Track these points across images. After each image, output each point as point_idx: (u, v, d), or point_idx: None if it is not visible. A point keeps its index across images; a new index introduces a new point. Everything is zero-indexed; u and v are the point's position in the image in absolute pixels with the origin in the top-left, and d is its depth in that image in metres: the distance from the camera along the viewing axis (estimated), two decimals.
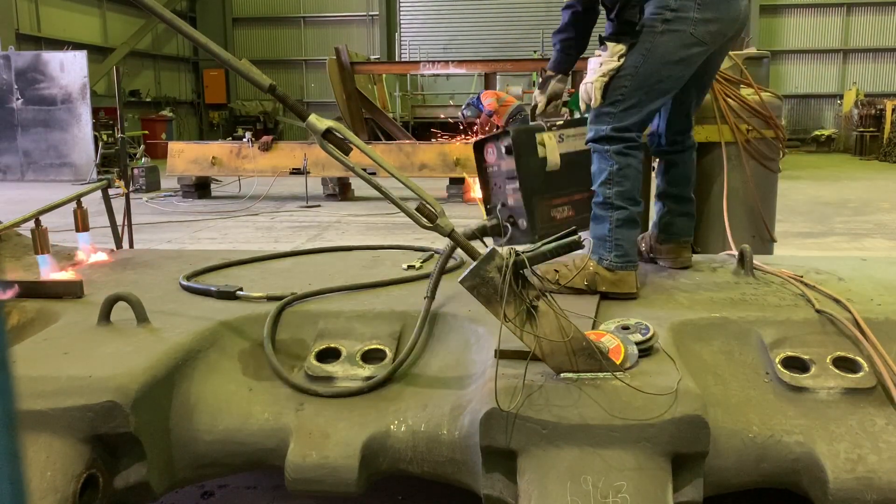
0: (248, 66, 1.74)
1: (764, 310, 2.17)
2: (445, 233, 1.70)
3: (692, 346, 2.00)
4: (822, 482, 1.68)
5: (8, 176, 13.95)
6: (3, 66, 13.83)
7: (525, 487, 1.62)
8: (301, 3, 24.27)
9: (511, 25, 20.64)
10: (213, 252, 3.23)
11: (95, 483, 1.68)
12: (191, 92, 24.96)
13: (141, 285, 2.54)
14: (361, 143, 1.72)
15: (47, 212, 2.70)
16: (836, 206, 9.38)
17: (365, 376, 1.95)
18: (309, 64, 24.10)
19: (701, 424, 1.62)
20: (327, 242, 7.09)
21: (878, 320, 2.04)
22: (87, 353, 1.88)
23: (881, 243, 6.96)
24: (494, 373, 1.66)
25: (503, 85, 14.56)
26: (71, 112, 13.84)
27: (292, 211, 9.60)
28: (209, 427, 1.86)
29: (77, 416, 1.66)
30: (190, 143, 12.51)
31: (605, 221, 2.38)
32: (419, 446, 1.80)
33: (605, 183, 2.37)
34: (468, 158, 10.19)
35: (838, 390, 1.84)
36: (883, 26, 21.65)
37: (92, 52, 15.27)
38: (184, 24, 1.71)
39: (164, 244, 7.01)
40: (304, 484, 1.79)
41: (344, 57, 12.06)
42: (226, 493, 2.45)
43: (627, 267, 2.35)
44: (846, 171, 14.95)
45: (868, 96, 20.08)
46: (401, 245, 3.21)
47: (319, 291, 2.34)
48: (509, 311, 1.65)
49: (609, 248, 2.35)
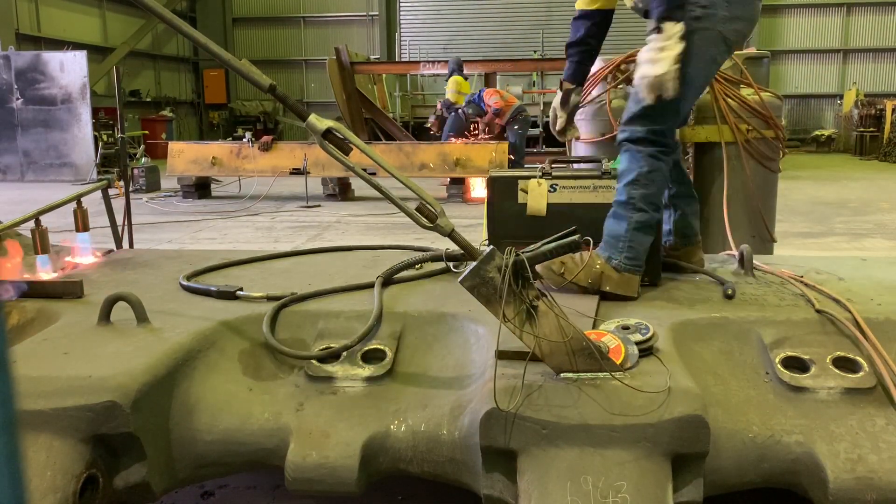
0: (248, 66, 1.74)
1: (764, 310, 2.17)
2: (445, 233, 1.70)
3: (692, 346, 2.00)
4: (822, 482, 1.68)
5: (8, 176, 13.95)
6: (3, 66, 13.83)
7: (525, 487, 1.62)
8: (301, 3, 24.27)
9: (511, 25, 20.63)
10: (213, 252, 3.23)
11: (95, 483, 1.68)
12: (191, 92, 24.96)
13: (141, 285, 2.54)
14: (361, 143, 1.72)
15: (47, 212, 2.70)
16: (836, 206, 9.38)
17: (365, 376, 1.96)
18: (309, 64, 24.11)
19: (701, 424, 1.62)
20: (327, 242, 7.09)
21: (878, 320, 2.04)
22: (87, 353, 1.88)
23: (881, 243, 6.96)
24: (494, 373, 1.66)
25: (503, 85, 14.56)
26: (71, 112, 13.84)
27: (292, 211, 9.60)
28: (209, 427, 1.86)
29: (77, 416, 1.66)
30: (190, 143, 12.50)
31: (624, 221, 2.34)
32: (419, 446, 1.80)
33: (632, 183, 2.32)
34: (468, 158, 10.20)
35: (838, 390, 1.84)
36: (883, 26, 21.65)
37: (92, 52, 15.26)
38: (184, 24, 1.72)
39: (164, 244, 7.01)
40: (304, 484, 1.79)
41: (344, 57, 12.08)
42: (226, 493, 2.45)
43: (635, 270, 2.33)
44: (846, 171, 14.94)
45: (868, 96, 20.08)
46: (401, 245, 3.21)
47: (319, 292, 2.35)
48: (509, 311, 1.65)
49: (621, 249, 2.32)
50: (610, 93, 3.79)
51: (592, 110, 3.88)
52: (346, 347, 2.00)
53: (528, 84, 18.12)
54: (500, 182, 2.58)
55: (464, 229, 1.79)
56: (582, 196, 2.51)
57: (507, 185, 2.56)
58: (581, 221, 2.07)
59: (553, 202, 2.55)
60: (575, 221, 1.97)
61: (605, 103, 3.82)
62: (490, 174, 2.62)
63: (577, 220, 2.19)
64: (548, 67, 17.05)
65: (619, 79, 3.80)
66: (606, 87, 3.85)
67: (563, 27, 19.91)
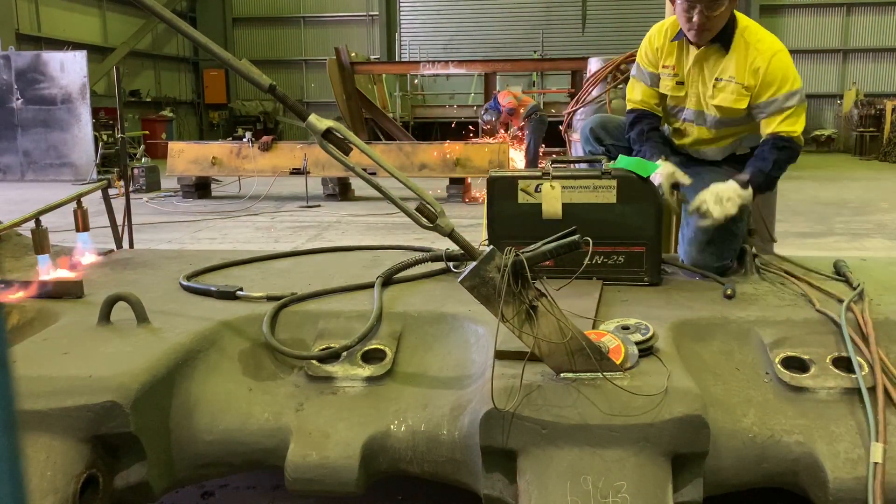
0: (248, 66, 1.74)
1: (764, 310, 2.17)
2: (445, 233, 1.70)
3: (692, 346, 2.00)
4: (822, 482, 1.68)
5: (8, 176, 13.94)
6: (3, 66, 13.81)
7: (525, 487, 1.62)
8: (301, 3, 24.26)
9: (511, 25, 20.61)
10: (213, 252, 3.23)
11: (95, 483, 1.68)
12: (191, 92, 24.95)
13: (141, 285, 2.54)
14: (361, 143, 1.72)
15: (47, 212, 2.70)
16: (836, 206, 9.37)
17: (365, 376, 1.96)
18: (309, 64, 24.09)
19: (701, 424, 1.62)
20: (327, 242, 7.09)
21: (878, 320, 2.04)
22: (87, 353, 1.88)
23: (881, 243, 6.96)
24: (492, 373, 1.66)
25: (503, 85, 14.55)
26: (71, 112, 13.82)
27: (292, 211, 9.59)
28: (209, 427, 1.86)
29: (77, 416, 1.67)
30: (190, 143, 12.49)
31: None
32: (419, 446, 1.80)
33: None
34: (468, 158, 10.19)
35: (838, 390, 1.84)
36: (883, 26, 21.64)
37: (92, 52, 15.24)
38: (184, 24, 1.72)
39: (164, 244, 7.01)
40: (304, 484, 1.79)
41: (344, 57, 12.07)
42: (226, 493, 2.45)
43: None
44: (846, 171, 14.94)
45: (868, 96, 20.08)
46: (401, 245, 3.21)
47: (319, 292, 2.35)
48: (508, 311, 1.65)
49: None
50: (610, 92, 3.80)
51: (592, 110, 3.88)
52: (346, 347, 2.00)
53: (528, 84, 18.10)
54: (500, 182, 2.58)
55: (464, 229, 1.79)
56: (582, 196, 2.51)
57: (507, 185, 2.56)
58: (581, 221, 2.07)
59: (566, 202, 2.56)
60: (575, 221, 1.97)
61: (605, 103, 3.82)
62: (490, 174, 2.62)
63: (578, 219, 2.20)
64: (548, 67, 17.04)
65: (619, 79, 3.80)
66: (606, 87, 3.85)
67: (562, 27, 19.93)
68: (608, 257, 2.52)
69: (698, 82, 2.66)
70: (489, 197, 2.61)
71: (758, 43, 2.54)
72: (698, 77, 2.66)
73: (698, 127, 2.76)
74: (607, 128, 2.91)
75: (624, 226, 2.50)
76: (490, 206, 2.61)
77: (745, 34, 2.56)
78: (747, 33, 2.57)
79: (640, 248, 2.50)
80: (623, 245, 2.51)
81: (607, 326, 1.91)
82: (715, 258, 2.62)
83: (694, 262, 2.65)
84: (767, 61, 2.50)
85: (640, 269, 2.51)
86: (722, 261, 2.63)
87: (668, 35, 2.71)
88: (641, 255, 2.51)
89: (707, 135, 2.76)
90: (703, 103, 2.68)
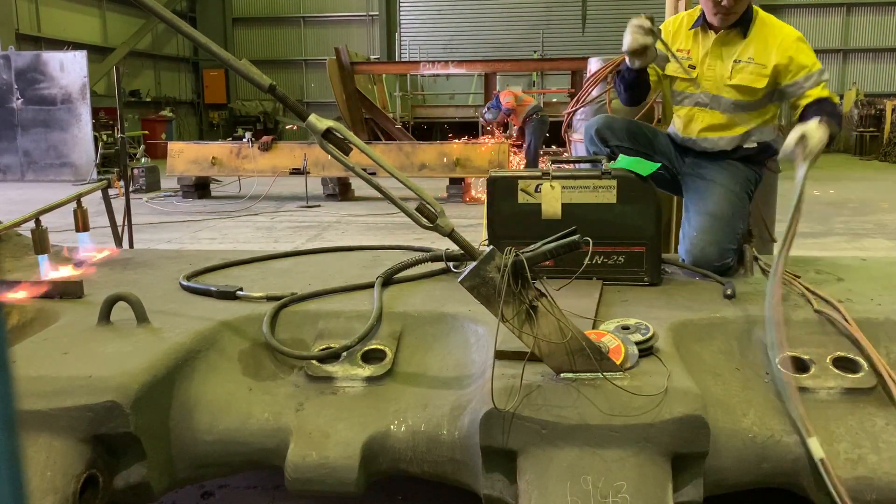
0: (248, 66, 1.74)
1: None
2: (445, 233, 1.70)
3: (692, 346, 2.00)
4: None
5: (8, 176, 13.94)
6: (3, 66, 13.81)
7: (525, 487, 1.62)
8: (301, 3, 24.26)
9: (511, 25, 20.62)
10: (213, 252, 3.23)
11: (95, 483, 1.68)
12: (191, 92, 24.95)
13: (141, 285, 2.54)
14: (361, 143, 1.72)
15: (47, 212, 2.70)
16: (836, 206, 9.37)
17: (365, 376, 1.95)
18: (309, 64, 24.10)
19: (701, 424, 1.62)
20: (327, 242, 7.09)
21: (878, 320, 2.04)
22: (87, 353, 1.88)
23: (881, 243, 6.96)
24: (492, 373, 1.66)
25: (503, 85, 14.54)
26: (71, 112, 13.82)
27: (292, 211, 9.59)
28: (209, 427, 1.86)
29: (77, 416, 1.66)
30: (190, 143, 12.49)
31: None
32: (419, 446, 1.80)
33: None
34: (468, 158, 10.19)
35: (838, 390, 1.84)
36: (883, 26, 21.65)
37: (92, 52, 15.23)
38: (184, 24, 1.71)
39: (164, 244, 7.01)
40: (303, 484, 1.78)
41: (344, 57, 12.06)
42: (226, 493, 2.45)
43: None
44: (846, 171, 14.93)
45: (868, 96, 20.06)
46: (401, 245, 3.21)
47: (319, 292, 2.34)
48: (508, 312, 1.65)
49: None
50: (610, 92, 3.79)
51: (592, 110, 3.88)
52: (346, 347, 2.00)
53: (528, 84, 18.11)
54: (500, 182, 2.58)
55: (464, 229, 1.79)
56: (582, 196, 2.51)
57: (507, 185, 2.56)
58: (581, 221, 2.08)
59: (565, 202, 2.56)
60: (575, 221, 1.96)
61: (605, 103, 3.82)
62: (490, 174, 2.62)
63: (577, 219, 2.20)
64: (548, 67, 17.04)
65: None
66: (606, 87, 3.85)
67: (562, 27, 19.93)
68: (608, 257, 2.52)
69: (715, 66, 2.78)
70: (489, 197, 2.61)
71: (781, 28, 2.77)
72: (716, 61, 2.78)
73: (711, 111, 2.83)
74: (613, 128, 2.92)
75: (624, 226, 2.50)
76: (490, 206, 2.61)
77: (764, 20, 2.78)
78: (766, 19, 2.79)
79: (640, 248, 2.51)
80: (623, 245, 2.51)
81: (607, 326, 1.91)
82: (715, 253, 2.62)
83: (695, 260, 2.65)
84: (796, 43, 2.72)
85: (640, 269, 2.51)
86: (722, 259, 2.63)
87: (684, 24, 2.87)
88: (641, 255, 2.51)
89: (720, 119, 2.83)
90: (719, 86, 2.79)
